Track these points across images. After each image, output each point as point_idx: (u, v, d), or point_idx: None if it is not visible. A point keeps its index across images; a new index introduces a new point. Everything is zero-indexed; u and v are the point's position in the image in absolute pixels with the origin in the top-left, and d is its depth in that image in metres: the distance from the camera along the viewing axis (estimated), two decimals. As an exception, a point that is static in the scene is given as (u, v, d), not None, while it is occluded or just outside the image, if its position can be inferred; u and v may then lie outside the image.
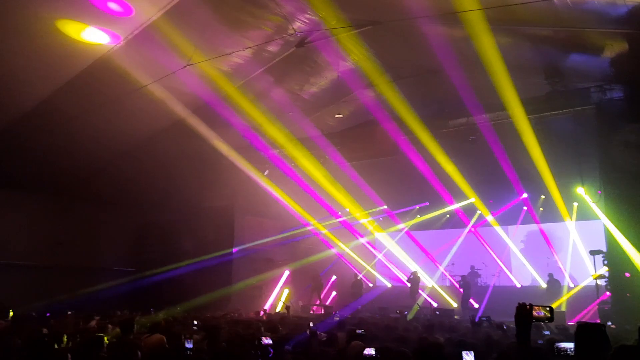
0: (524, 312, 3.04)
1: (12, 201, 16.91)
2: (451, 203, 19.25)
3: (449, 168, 15.78)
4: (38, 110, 13.08)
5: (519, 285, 18.87)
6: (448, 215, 20.61)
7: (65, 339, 6.24)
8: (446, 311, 15.85)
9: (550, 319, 3.09)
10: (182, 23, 11.51)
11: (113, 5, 10.76)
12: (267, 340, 4.97)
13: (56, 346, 5.42)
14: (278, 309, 17.67)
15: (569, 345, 4.30)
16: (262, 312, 13.95)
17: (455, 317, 14.44)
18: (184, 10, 11.11)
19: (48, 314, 11.09)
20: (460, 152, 15.28)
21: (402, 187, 18.79)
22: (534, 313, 3.05)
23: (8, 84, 12.22)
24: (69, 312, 10.83)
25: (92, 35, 11.48)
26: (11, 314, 9.42)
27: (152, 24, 11.27)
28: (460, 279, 18.12)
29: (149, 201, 18.66)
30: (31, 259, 17.16)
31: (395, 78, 15.32)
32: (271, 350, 5.07)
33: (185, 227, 18.86)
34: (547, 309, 3.10)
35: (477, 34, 12.09)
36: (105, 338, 5.04)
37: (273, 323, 8.96)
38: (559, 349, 4.45)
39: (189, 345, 5.53)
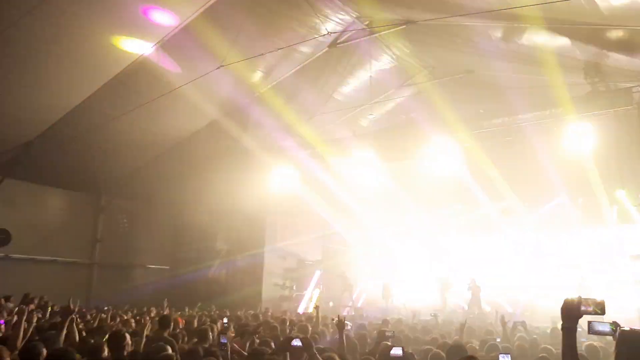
0: (571, 306, 2.84)
1: (54, 199, 17.49)
2: (486, 205, 18.91)
3: (486, 170, 15.52)
4: (79, 112, 13.47)
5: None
6: (482, 219, 20.24)
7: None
8: (481, 315, 15.56)
9: (602, 313, 2.86)
10: (216, 25, 11.68)
11: (156, 15, 11.04)
12: (297, 342, 4.96)
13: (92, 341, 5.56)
14: (310, 310, 17.67)
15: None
16: (301, 312, 13.97)
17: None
18: (218, 13, 11.27)
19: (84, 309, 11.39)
20: (496, 154, 14.99)
21: (436, 189, 18.53)
22: (582, 307, 2.80)
23: (50, 86, 12.64)
24: (106, 308, 11.10)
25: (131, 43, 11.80)
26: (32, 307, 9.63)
27: (187, 27, 11.47)
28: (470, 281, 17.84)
29: (184, 201, 18.98)
30: (72, 256, 17.70)
31: (431, 78, 15.16)
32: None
33: (218, 227, 19.12)
34: (598, 302, 2.84)
35: (516, 32, 11.91)
36: (126, 334, 5.12)
37: (304, 323, 8.98)
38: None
39: (223, 340, 5.58)
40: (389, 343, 5.34)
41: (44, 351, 4.40)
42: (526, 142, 14.20)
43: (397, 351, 4.49)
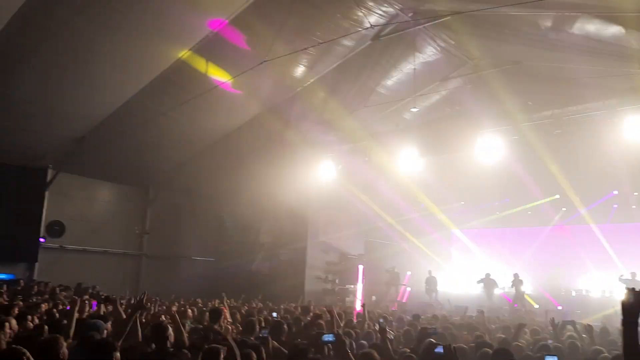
0: (633, 300, 2.64)
1: (105, 192, 18.14)
2: (535, 199, 18.44)
3: (534, 163, 15.08)
4: (128, 108, 13.89)
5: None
6: (530, 212, 19.73)
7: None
8: (528, 313, 15.19)
9: None
10: (258, 21, 11.78)
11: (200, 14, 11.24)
12: (328, 337, 4.95)
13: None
14: (357, 305, 17.66)
15: None
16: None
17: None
18: (260, 8, 11.35)
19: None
20: (545, 146, 14.51)
21: (481, 183, 18.16)
22: None
23: (101, 83, 13.07)
24: (154, 299, 11.43)
25: (177, 40, 12.05)
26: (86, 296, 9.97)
27: (230, 22, 11.61)
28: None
29: (228, 194, 19.31)
30: (122, 247, 18.33)
31: (476, 70, 14.82)
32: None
33: (261, 220, 19.36)
34: None
35: (567, 20, 11.48)
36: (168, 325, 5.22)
37: (347, 317, 8.99)
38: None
39: (264, 334, 5.64)
40: (433, 340, 5.27)
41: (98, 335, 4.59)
42: (577, 134, 13.71)
43: (439, 349, 4.43)
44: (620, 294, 2.69)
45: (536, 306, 17.15)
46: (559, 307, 16.25)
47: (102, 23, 11.07)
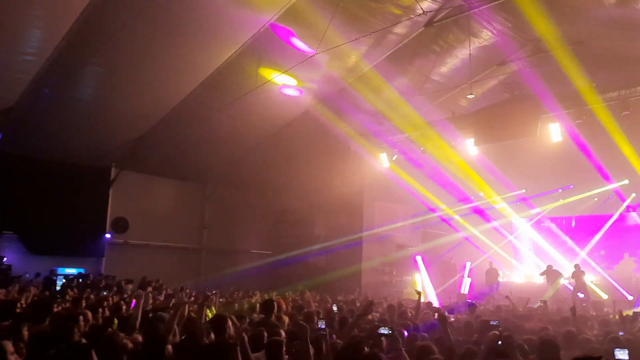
0: None
1: (165, 189, 18.73)
2: (601, 185, 17.54)
3: (600, 147, 14.32)
4: (184, 106, 14.24)
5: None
6: (596, 199, 18.79)
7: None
8: (595, 303, 14.50)
9: None
10: (308, 13, 11.74)
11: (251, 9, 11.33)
12: (384, 330, 4.87)
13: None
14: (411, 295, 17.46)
15: None
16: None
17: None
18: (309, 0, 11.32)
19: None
20: (612, 129, 13.74)
21: (542, 169, 17.46)
22: None
23: (158, 83, 13.46)
24: (214, 291, 11.67)
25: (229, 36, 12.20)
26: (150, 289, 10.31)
27: (281, 17, 11.62)
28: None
29: (283, 188, 19.50)
30: (182, 242, 18.89)
31: (536, 52, 14.19)
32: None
33: (317, 213, 19.43)
34: None
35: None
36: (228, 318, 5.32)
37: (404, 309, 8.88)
38: None
39: (322, 326, 5.62)
40: (497, 332, 5.09)
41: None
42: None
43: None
44: None
45: (605, 297, 16.35)
46: (630, 298, 15.42)
47: (159, 24, 11.40)
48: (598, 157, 15.21)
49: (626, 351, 4.24)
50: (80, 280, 13.82)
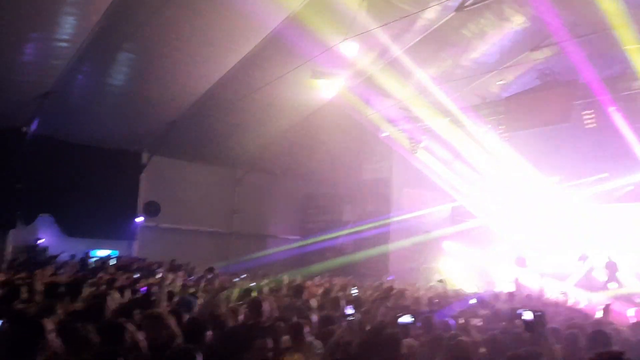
0: None
1: (196, 173, 18.96)
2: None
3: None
4: (215, 91, 14.38)
5: None
6: (632, 187, 18.23)
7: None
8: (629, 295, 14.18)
9: None
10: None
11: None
12: (406, 319, 4.84)
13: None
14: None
15: None
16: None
17: None
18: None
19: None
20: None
21: (576, 156, 17.02)
22: None
23: (188, 67, 13.60)
24: (244, 275, 11.84)
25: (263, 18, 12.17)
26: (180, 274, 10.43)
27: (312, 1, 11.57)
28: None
29: (312, 173, 19.56)
30: (212, 226, 19.17)
31: (572, 36, 13.78)
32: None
33: (345, 198, 19.47)
34: None
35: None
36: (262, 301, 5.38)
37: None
38: None
39: (349, 311, 5.66)
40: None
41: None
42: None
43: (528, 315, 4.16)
44: None
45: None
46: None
47: (189, 8, 11.48)
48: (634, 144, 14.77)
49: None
50: (112, 262, 14.19)
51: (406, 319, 4.77)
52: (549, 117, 14.01)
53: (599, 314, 7.30)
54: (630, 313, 8.13)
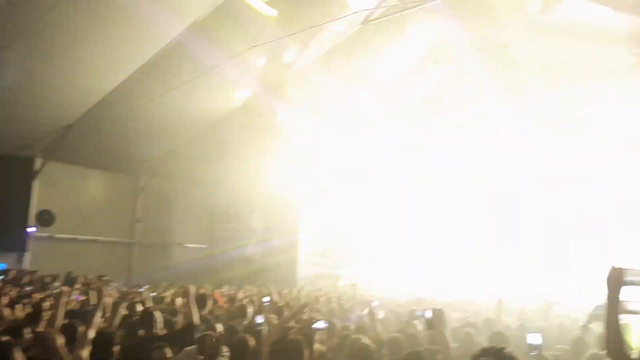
0: (616, 275, 2.78)
1: (95, 180, 18.02)
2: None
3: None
4: (117, 95, 13.75)
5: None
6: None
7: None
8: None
9: None
10: (247, 6, 11.68)
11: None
12: (319, 324, 4.94)
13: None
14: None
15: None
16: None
17: None
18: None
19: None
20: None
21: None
22: (629, 278, 2.75)
23: (88, 70, 12.93)
24: (146, 286, 11.42)
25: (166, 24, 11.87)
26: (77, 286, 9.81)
27: (220, 7, 11.48)
28: None
29: (220, 180, 19.26)
30: (113, 235, 18.27)
31: (466, 53, 14.83)
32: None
33: (254, 206, 19.34)
34: None
35: (555, 2, 11.51)
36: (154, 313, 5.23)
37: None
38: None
39: (259, 320, 5.65)
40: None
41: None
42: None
43: (427, 314, 4.37)
44: None
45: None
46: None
47: (88, 9, 10.93)
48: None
49: (539, 335, 4.57)
50: (2, 276, 13.07)
51: (320, 324, 4.86)
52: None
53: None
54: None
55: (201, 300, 6.64)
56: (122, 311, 5.79)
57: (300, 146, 17.46)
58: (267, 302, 7.41)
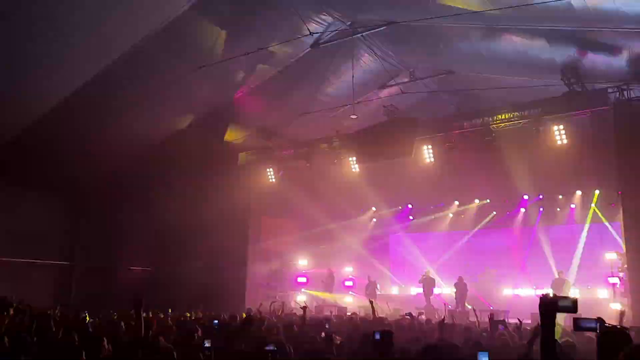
0: (548, 303, 2.92)
1: (33, 201, 17.17)
2: (467, 203, 19.38)
3: (466, 168, 15.93)
4: (56, 115, 13.24)
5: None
6: (463, 216, 20.48)
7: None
8: (463, 313, 15.73)
9: (574, 310, 2.98)
10: (197, 25, 11.65)
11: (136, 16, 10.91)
12: (270, 347, 4.92)
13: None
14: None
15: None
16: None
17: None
18: (199, 11, 11.25)
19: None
20: (475, 154, 15.24)
21: (418, 186, 18.60)
22: (560, 304, 2.90)
23: (26, 88, 12.41)
24: (84, 314, 10.90)
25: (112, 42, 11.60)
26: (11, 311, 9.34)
27: (166, 28, 11.32)
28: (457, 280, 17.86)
29: (166, 203, 18.78)
30: (51, 258, 17.46)
31: (412, 78, 15.31)
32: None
33: (200, 229, 18.95)
34: (572, 299, 2.94)
35: (496, 33, 12.13)
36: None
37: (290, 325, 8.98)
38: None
39: (207, 344, 5.53)
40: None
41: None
42: (505, 142, 14.42)
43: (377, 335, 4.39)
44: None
45: (469, 307, 17.72)
46: (491, 307, 16.85)
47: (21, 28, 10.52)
48: (462, 178, 16.83)
49: (487, 354, 4.69)
50: None
51: (270, 347, 4.82)
52: (393, 151, 15.14)
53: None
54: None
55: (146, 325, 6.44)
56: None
57: (250, 167, 17.40)
58: (216, 324, 7.26)
